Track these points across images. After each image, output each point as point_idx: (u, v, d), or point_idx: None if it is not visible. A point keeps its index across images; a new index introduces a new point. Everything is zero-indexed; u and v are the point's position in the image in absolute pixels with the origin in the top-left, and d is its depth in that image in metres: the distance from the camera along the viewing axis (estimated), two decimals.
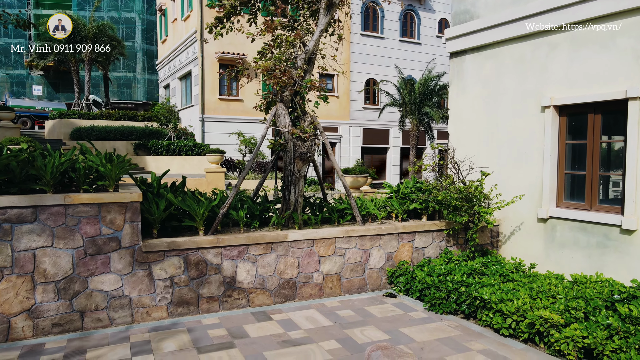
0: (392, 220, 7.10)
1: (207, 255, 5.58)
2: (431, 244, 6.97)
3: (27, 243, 4.80)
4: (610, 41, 5.92)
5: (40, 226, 4.83)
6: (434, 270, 6.18)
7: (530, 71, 6.90)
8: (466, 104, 7.92)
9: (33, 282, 4.84)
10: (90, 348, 4.63)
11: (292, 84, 6.27)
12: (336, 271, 6.33)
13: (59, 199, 4.88)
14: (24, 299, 4.82)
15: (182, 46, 22.82)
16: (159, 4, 28.79)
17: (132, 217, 5.20)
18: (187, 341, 4.81)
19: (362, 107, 24.64)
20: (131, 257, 5.22)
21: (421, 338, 4.92)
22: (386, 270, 6.65)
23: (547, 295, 5.20)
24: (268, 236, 5.89)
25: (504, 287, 5.41)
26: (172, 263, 5.41)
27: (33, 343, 4.74)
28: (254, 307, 5.85)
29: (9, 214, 4.72)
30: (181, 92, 23.89)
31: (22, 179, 5.16)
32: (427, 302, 5.78)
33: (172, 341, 4.81)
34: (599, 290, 5.19)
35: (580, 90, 6.25)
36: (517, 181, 7.05)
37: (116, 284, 5.18)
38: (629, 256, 5.75)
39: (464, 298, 5.40)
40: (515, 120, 7.10)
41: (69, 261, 4.97)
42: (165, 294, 5.40)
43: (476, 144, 7.68)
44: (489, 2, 7.49)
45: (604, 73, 5.99)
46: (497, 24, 7.22)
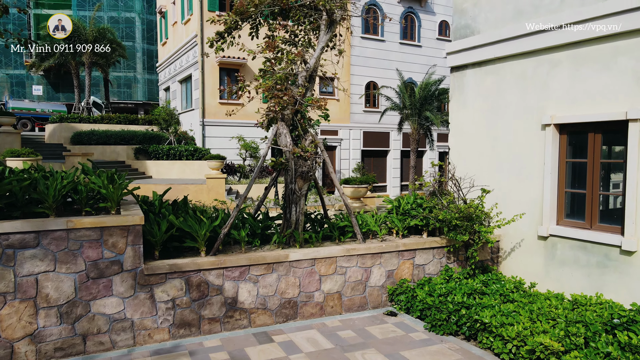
0: (393, 237, 7.12)
1: (208, 276, 5.60)
2: (432, 260, 6.99)
3: (30, 268, 4.81)
4: (611, 61, 5.92)
5: (42, 251, 4.85)
6: (434, 289, 6.20)
7: (531, 88, 6.90)
8: (467, 118, 7.93)
9: (36, 307, 4.86)
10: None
11: (293, 103, 6.29)
12: (337, 290, 6.36)
13: (62, 224, 4.90)
14: (27, 323, 4.84)
15: (182, 49, 22.81)
16: (159, 6, 28.73)
17: (134, 240, 5.21)
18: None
19: (363, 110, 24.63)
20: (133, 280, 5.24)
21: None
22: (387, 288, 6.68)
23: (548, 318, 5.22)
24: (269, 256, 5.91)
25: (504, 309, 5.44)
26: (173, 285, 5.43)
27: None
28: (255, 327, 5.87)
29: (12, 240, 4.74)
30: (181, 96, 23.89)
31: (24, 203, 5.19)
32: (428, 323, 5.80)
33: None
34: (599, 313, 5.21)
35: (581, 109, 6.26)
36: (517, 197, 7.06)
37: (118, 307, 5.20)
38: (629, 277, 5.77)
39: (465, 320, 5.42)
40: (516, 136, 7.11)
41: (71, 285, 4.99)
42: (167, 316, 5.42)
43: (477, 158, 7.69)
44: (489, 17, 7.49)
45: (604, 93, 6.00)
46: (497, 40, 7.22)
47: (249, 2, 6.87)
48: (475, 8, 7.70)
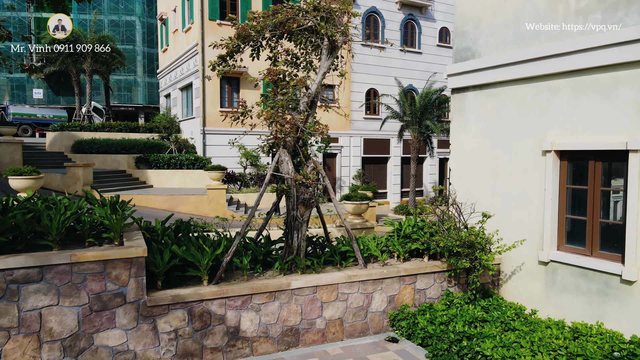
0: (394, 260, 7.14)
1: (211, 306, 5.63)
2: (433, 285, 7.02)
3: (34, 303, 4.84)
4: (611, 91, 5.95)
5: (46, 285, 4.88)
6: (435, 316, 6.22)
7: (531, 113, 6.93)
8: (468, 140, 7.96)
9: (39, 341, 4.89)
10: None
11: (295, 131, 6.32)
12: (338, 316, 6.38)
13: (65, 258, 4.93)
14: (31, 358, 4.87)
15: (183, 57, 22.83)
16: (160, 13, 28.76)
17: (137, 272, 5.24)
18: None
19: (363, 117, 24.67)
20: (136, 311, 5.27)
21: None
22: (388, 314, 6.71)
23: (549, 350, 5.24)
24: (271, 285, 5.94)
25: (505, 340, 5.46)
26: (176, 316, 5.46)
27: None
28: (257, 355, 5.89)
29: (16, 275, 4.76)
30: (182, 103, 23.92)
31: (28, 235, 5.22)
32: (430, 352, 5.83)
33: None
34: (599, 345, 5.24)
35: (581, 137, 6.29)
36: (518, 221, 7.09)
37: (121, 339, 5.23)
38: (629, 306, 5.80)
39: (466, 351, 5.45)
40: (517, 161, 7.14)
41: (74, 319, 5.02)
42: (169, 346, 5.45)
43: (478, 181, 7.72)
44: (490, 41, 7.52)
45: (604, 122, 6.03)
46: (498, 64, 7.26)
47: (252, 26, 6.91)
48: (476, 31, 7.73)
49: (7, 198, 5.53)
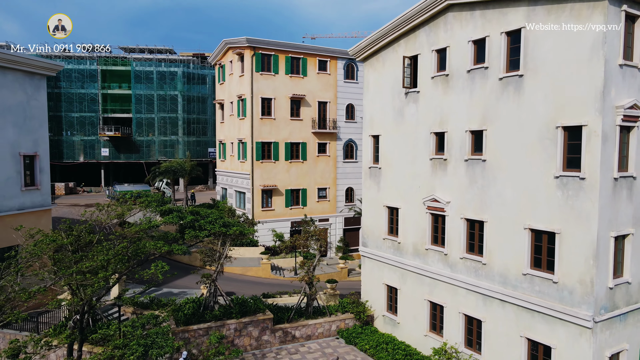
0: (340, 314, 23.41)
1: (289, 329, 21.83)
2: (352, 320, 23.28)
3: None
4: None
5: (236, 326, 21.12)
6: (355, 332, 22.55)
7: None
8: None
9: None
10: None
11: (309, 282, 22.47)
12: (324, 330, 22.65)
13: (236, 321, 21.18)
14: None
15: (237, 175, 38.97)
16: (218, 99, 44.91)
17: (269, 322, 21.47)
18: None
19: (344, 205, 40.88)
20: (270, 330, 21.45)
21: None
22: (336, 330, 22.93)
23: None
24: (305, 322, 22.20)
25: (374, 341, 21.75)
26: (273, 330, 21.68)
27: None
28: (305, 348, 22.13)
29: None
30: (236, 200, 40.07)
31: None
32: (356, 345, 22.11)
33: None
34: None
35: None
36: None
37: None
38: None
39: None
40: None
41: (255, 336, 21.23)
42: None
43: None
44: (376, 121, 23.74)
45: None
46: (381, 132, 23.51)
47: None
48: (374, 120, 24.03)
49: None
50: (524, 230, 15.95)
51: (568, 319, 14.58)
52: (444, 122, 19.12)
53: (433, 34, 19.52)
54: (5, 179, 20.31)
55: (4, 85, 19.85)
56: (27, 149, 21.31)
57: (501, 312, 16.81)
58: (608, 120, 13.87)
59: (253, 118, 36.30)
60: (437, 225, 19.75)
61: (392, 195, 22.20)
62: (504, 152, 16.62)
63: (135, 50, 73.07)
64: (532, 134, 15.61)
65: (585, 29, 14.00)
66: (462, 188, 18.31)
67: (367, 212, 24.22)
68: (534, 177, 15.58)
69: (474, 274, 17.91)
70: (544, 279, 15.37)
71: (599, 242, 13.95)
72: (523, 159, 15.94)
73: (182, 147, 69.45)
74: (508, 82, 16.41)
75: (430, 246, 19.93)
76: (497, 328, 17.01)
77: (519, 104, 16.06)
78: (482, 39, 17.31)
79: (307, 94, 38.29)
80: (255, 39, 35.93)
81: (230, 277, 30.94)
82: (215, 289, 21.38)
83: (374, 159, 23.56)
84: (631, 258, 15.01)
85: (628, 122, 14.30)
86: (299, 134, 38.30)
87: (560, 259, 14.86)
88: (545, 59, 15.15)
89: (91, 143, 67.50)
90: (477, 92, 17.56)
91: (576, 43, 14.24)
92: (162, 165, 42.89)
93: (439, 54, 19.39)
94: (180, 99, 68.51)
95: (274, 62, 36.81)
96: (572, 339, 14.63)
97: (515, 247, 16.26)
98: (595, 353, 14.25)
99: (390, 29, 21.27)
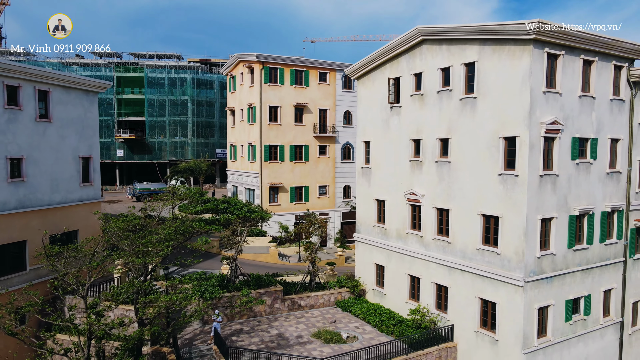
0: (337, 288, 28.41)
1: (295, 299, 26.81)
2: (348, 293, 28.29)
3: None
4: None
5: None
6: (350, 302, 27.60)
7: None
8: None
9: None
10: None
11: (312, 261, 27.45)
12: (325, 301, 27.65)
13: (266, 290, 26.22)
14: None
15: (247, 174, 43.91)
16: (229, 106, 49.88)
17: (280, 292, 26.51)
18: None
19: (342, 201, 45.85)
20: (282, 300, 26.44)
21: None
22: (334, 301, 27.91)
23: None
24: (309, 294, 27.19)
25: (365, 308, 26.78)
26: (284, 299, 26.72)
27: None
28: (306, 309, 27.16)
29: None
30: (246, 196, 45.01)
31: None
32: (351, 312, 27.15)
33: None
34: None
35: None
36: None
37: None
38: None
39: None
40: None
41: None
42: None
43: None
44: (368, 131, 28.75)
45: None
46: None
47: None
48: (366, 128, 29.02)
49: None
50: (477, 216, 20.92)
51: (507, 280, 19.54)
52: (420, 131, 24.11)
53: (411, 61, 24.51)
54: (69, 177, 25.32)
55: (69, 102, 24.81)
56: (84, 152, 26.31)
57: (461, 279, 21.78)
58: (534, 133, 18.83)
59: (262, 124, 41.25)
60: (415, 213, 24.73)
61: (380, 190, 27.18)
62: (463, 155, 21.59)
63: (146, 56, 78.06)
64: (483, 142, 20.58)
65: (517, 65, 18.98)
66: (433, 184, 23.29)
67: (360, 205, 29.20)
68: (485, 175, 20.55)
69: (442, 251, 22.90)
70: (491, 252, 20.35)
71: (527, 223, 18.92)
72: (477, 161, 20.91)
73: (192, 148, 74.52)
74: (466, 102, 21.39)
75: (409, 230, 24.91)
76: (459, 292, 21.97)
77: (473, 119, 21.03)
78: (448, 67, 22.30)
79: (309, 102, 43.24)
80: (263, 55, 40.89)
81: (243, 262, 35.85)
82: (236, 266, 26.33)
83: (365, 160, 28.54)
84: (555, 235, 19.97)
85: (551, 134, 19.27)
86: (302, 138, 43.25)
87: (502, 237, 19.83)
88: (491, 86, 20.13)
89: (107, 144, 72.52)
90: (444, 109, 22.54)
91: (512, 75, 19.22)
92: (181, 165, 47.96)
93: (416, 77, 24.38)
94: (190, 103, 73.59)
95: (280, 74, 41.78)
96: (510, 296, 19.59)
97: (471, 229, 21.24)
98: (526, 305, 19.21)
99: (378, 55, 26.27)
